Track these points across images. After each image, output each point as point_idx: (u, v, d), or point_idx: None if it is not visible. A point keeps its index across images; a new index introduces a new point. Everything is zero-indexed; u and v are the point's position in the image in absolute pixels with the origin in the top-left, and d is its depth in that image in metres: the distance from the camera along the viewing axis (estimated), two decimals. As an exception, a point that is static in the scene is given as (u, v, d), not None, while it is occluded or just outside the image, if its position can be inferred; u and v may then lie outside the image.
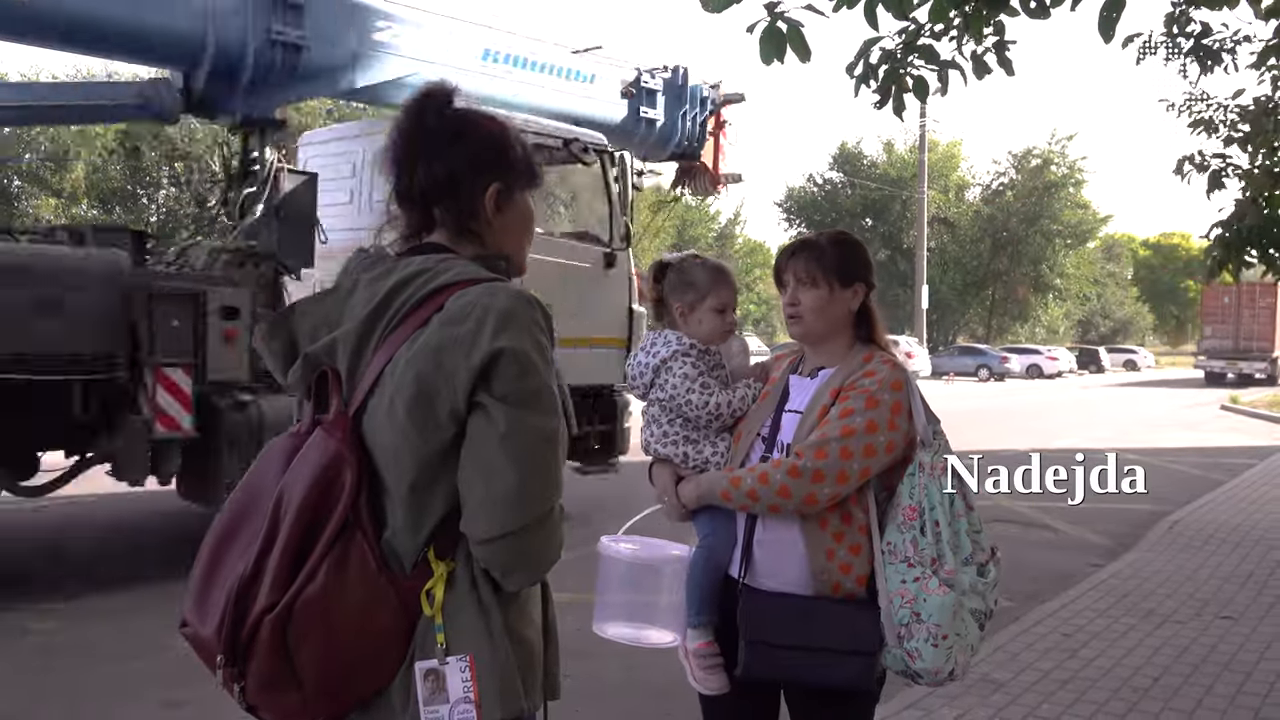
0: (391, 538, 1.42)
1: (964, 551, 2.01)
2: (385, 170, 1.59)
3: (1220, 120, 7.03)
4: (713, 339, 2.25)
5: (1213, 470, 11.99)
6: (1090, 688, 4.21)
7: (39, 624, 5.22)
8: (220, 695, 1.45)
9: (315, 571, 1.36)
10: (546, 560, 1.46)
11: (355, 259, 1.58)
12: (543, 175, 1.68)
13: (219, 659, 1.39)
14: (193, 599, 1.46)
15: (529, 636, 1.49)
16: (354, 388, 1.47)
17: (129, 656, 4.70)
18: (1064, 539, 7.87)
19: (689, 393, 2.18)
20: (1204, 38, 6.09)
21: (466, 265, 1.49)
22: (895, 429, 2.03)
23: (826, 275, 2.14)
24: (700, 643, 2.14)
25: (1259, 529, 7.89)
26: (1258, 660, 4.61)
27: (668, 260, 2.33)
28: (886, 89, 4.53)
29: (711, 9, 3.66)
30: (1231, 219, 6.26)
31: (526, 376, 1.40)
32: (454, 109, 1.56)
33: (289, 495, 1.41)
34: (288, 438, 1.51)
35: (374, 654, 1.40)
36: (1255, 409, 22.17)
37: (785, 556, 2.06)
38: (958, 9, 4.16)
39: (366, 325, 1.47)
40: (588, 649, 4.16)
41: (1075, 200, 49.13)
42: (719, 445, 2.21)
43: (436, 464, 1.41)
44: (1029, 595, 5.76)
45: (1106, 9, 4.00)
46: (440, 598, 1.41)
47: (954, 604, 1.94)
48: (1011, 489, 2.39)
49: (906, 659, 1.97)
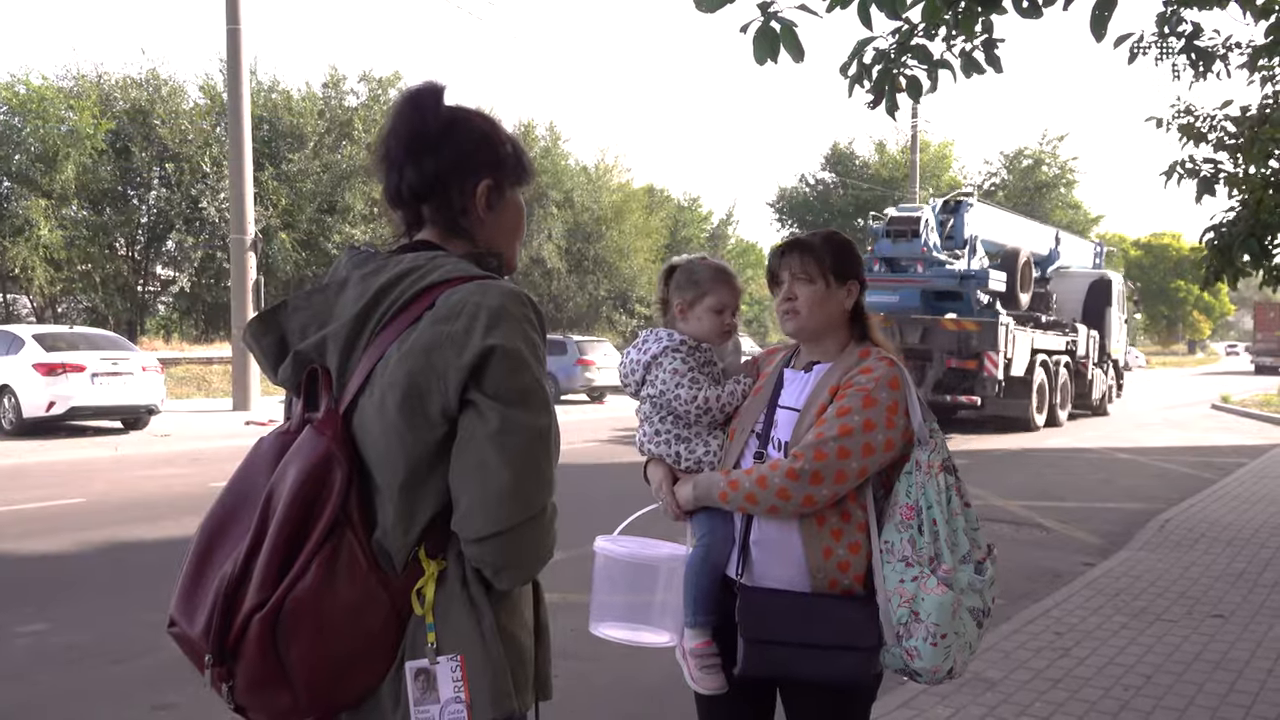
0: (382, 537, 1.41)
1: (961, 549, 2.00)
2: (376, 169, 1.58)
3: (1209, 129, 7.06)
4: (709, 338, 2.25)
5: (1203, 469, 12.05)
6: (1082, 686, 4.22)
7: (26, 627, 5.19)
8: (209, 697, 1.44)
9: (305, 570, 1.35)
10: (538, 559, 1.44)
11: (346, 256, 1.57)
12: (534, 172, 1.67)
13: (207, 659, 1.38)
14: (180, 598, 1.44)
15: (520, 636, 1.48)
16: (344, 386, 1.46)
17: (118, 659, 4.68)
18: (1055, 538, 7.89)
19: (678, 387, 2.17)
20: (1195, 38, 6.11)
21: (458, 263, 1.48)
22: (893, 427, 2.02)
23: (823, 271, 2.14)
24: (698, 642, 2.13)
25: (1250, 528, 7.92)
26: (1249, 659, 4.62)
27: (676, 263, 2.33)
28: (880, 89, 4.53)
29: (705, 9, 3.65)
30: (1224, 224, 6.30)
31: (518, 374, 1.39)
32: (444, 107, 1.55)
33: (278, 493, 1.40)
34: (277, 436, 1.50)
35: (364, 653, 1.39)
36: (1245, 408, 22.28)
37: (783, 555, 2.05)
38: (950, 8, 4.17)
39: (357, 323, 1.46)
40: (580, 649, 4.16)
41: (1067, 200, 49.29)
42: (712, 444, 2.20)
43: (427, 462, 1.40)
44: (1021, 594, 5.77)
45: (1098, 8, 4.00)
46: (431, 597, 1.40)
47: (952, 603, 1.93)
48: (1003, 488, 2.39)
49: (905, 658, 1.97)
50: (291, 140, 28.03)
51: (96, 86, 26.33)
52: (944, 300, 16.26)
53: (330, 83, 30.28)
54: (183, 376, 22.11)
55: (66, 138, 24.48)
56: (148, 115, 26.40)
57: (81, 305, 26.74)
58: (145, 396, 14.38)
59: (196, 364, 23.24)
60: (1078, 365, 18.56)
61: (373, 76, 30.60)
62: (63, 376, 13.54)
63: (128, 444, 13.30)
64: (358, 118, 29.44)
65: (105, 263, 26.07)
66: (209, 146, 26.42)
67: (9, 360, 13.76)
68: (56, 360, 13.61)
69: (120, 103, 26.57)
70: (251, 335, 1.54)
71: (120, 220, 26.55)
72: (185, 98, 27.79)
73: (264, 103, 27.72)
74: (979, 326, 15.25)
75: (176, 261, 28.02)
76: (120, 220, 26.55)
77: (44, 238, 23.59)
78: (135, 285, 27.95)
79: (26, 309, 26.56)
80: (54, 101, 24.86)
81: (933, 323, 15.64)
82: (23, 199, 23.94)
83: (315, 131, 28.39)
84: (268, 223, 25.74)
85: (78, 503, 8.89)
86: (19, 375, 13.63)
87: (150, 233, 27.94)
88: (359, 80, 30.71)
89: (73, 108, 24.91)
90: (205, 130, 27.03)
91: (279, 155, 27.64)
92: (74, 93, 25.67)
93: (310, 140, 28.18)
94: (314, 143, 28.26)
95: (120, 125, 26.13)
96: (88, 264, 25.50)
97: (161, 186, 27.23)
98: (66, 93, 25.61)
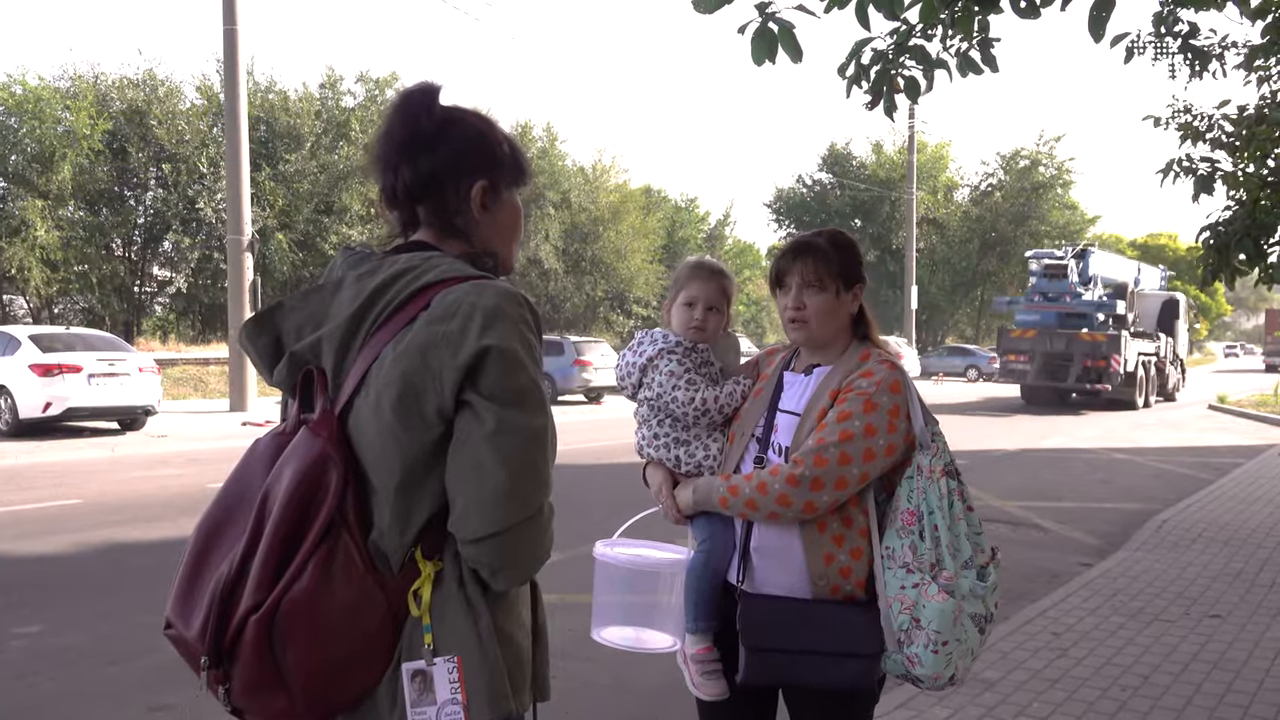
0: (378, 538, 1.41)
1: (964, 555, 1.97)
2: (372, 169, 1.57)
3: (1207, 129, 7.06)
4: (683, 334, 2.22)
5: (1200, 469, 12.06)
6: (1080, 686, 4.22)
7: (23, 628, 5.18)
8: (206, 699, 1.43)
9: (301, 571, 1.34)
10: (535, 560, 1.44)
11: (342, 256, 1.57)
12: (531, 173, 1.66)
13: (203, 661, 1.37)
14: (176, 600, 1.43)
15: (517, 637, 1.48)
16: (340, 387, 1.46)
17: (114, 660, 4.67)
18: (1053, 538, 7.90)
19: (674, 389, 2.15)
20: (1192, 38, 6.12)
21: (453, 263, 1.48)
22: (894, 431, 1.99)
23: (834, 278, 2.10)
24: (699, 648, 2.12)
25: (1247, 528, 7.92)
26: (1246, 659, 4.63)
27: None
28: (878, 90, 4.53)
29: (703, 9, 3.65)
30: (1220, 223, 6.30)
31: (514, 374, 1.38)
32: (440, 106, 1.55)
33: (274, 495, 1.39)
34: (273, 437, 1.49)
35: (361, 655, 1.38)
36: (1242, 408, 22.34)
37: (784, 562, 2.03)
38: (947, 8, 4.16)
39: (352, 323, 1.46)
40: (578, 650, 4.16)
41: (1063, 201, 49.31)
42: (712, 447, 2.18)
43: (423, 463, 1.40)
44: (1019, 594, 5.78)
45: (1096, 8, 4.00)
46: (428, 598, 1.39)
47: (953, 610, 1.91)
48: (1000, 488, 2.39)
49: (906, 664, 1.95)
50: (288, 141, 28.01)
51: (93, 87, 26.29)
52: (1074, 319, 23.17)
53: (327, 83, 30.27)
54: (179, 377, 22.09)
55: (63, 138, 24.46)
56: (144, 116, 26.37)
57: (78, 306, 26.71)
58: (142, 397, 14.36)
59: (193, 365, 23.23)
60: (1160, 364, 25.24)
61: (370, 77, 30.63)
62: (59, 377, 13.52)
63: (124, 445, 13.28)
64: (355, 118, 29.42)
65: (102, 263, 26.05)
66: (206, 147, 26.39)
67: (5, 361, 13.73)
68: (53, 361, 13.59)
69: (117, 103, 26.54)
70: (247, 336, 1.54)
71: (117, 221, 26.51)
72: (182, 98, 27.78)
73: (261, 103, 27.72)
74: (1106, 338, 22.33)
75: (173, 262, 28.01)
76: (117, 221, 26.51)
77: (40, 238, 23.57)
78: (132, 286, 27.92)
79: (23, 310, 26.53)
80: (50, 102, 24.84)
81: (1072, 335, 22.59)
82: (19, 200, 23.92)
83: (312, 132, 28.38)
84: (265, 223, 25.73)
85: (74, 504, 8.88)
86: (15, 376, 13.61)
87: (147, 233, 27.90)
88: (356, 81, 30.76)
89: (69, 108, 24.89)
90: (202, 131, 26.99)
91: (276, 156, 27.62)
92: (70, 93, 25.64)
93: (307, 141, 28.16)
94: (311, 143, 28.24)
95: (117, 126, 26.09)
96: (84, 265, 25.48)
97: (158, 187, 27.21)
98: (63, 93, 25.58)
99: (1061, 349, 22.58)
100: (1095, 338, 22.33)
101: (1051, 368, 22.76)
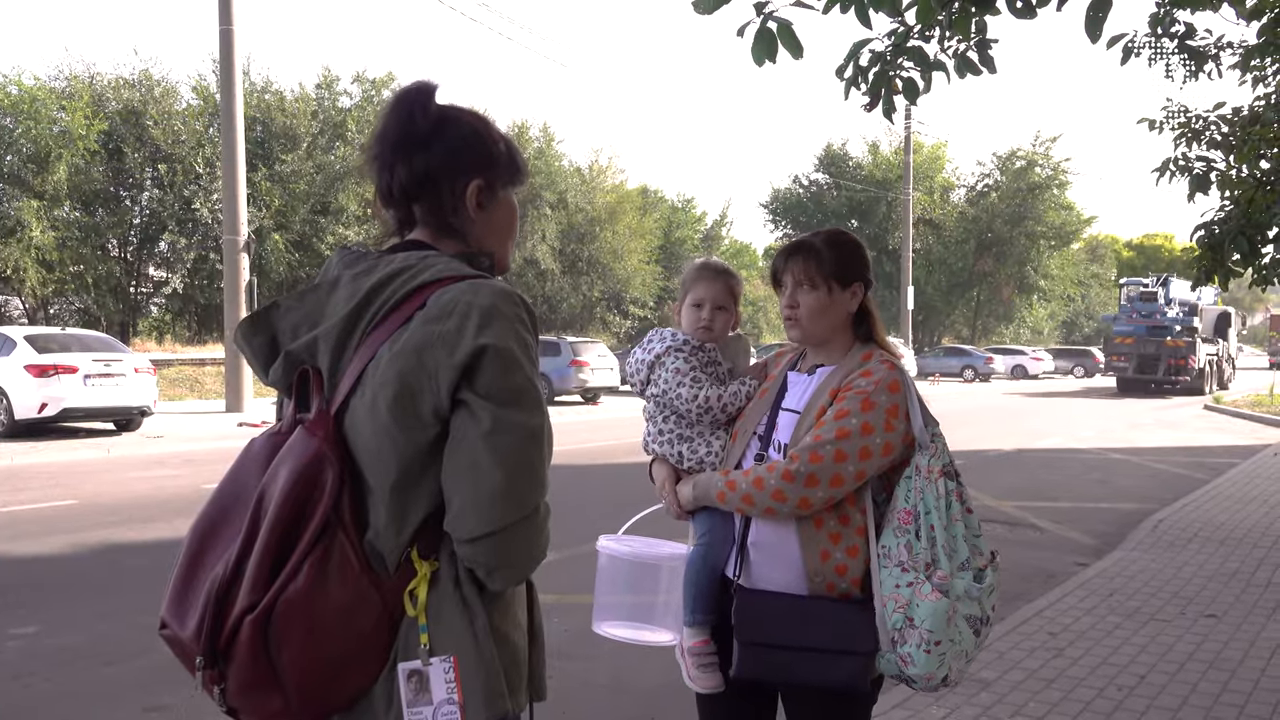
0: (374, 538, 1.40)
1: (960, 556, 1.98)
2: (368, 168, 1.57)
3: (1203, 129, 7.07)
4: (693, 334, 2.27)
5: (1196, 469, 12.08)
6: (1076, 686, 4.22)
7: (18, 629, 5.17)
8: (202, 699, 1.43)
9: (296, 571, 1.34)
10: (532, 560, 1.43)
11: (337, 256, 1.56)
12: (528, 172, 1.66)
13: (198, 661, 1.37)
14: (172, 600, 1.43)
15: (514, 637, 1.47)
16: (336, 386, 1.45)
17: (110, 661, 4.66)
18: (1049, 538, 7.91)
19: (679, 386, 2.19)
20: (1188, 39, 6.13)
21: (449, 262, 1.47)
22: (892, 430, 2.00)
23: (825, 277, 2.12)
24: (695, 641, 2.14)
25: (1243, 528, 7.94)
26: (1242, 658, 4.64)
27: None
28: (877, 91, 4.53)
29: (702, 10, 3.65)
30: (1215, 222, 6.32)
31: (510, 373, 1.38)
32: (436, 106, 1.55)
33: (270, 495, 1.39)
34: (269, 437, 1.49)
35: (356, 655, 1.38)
36: (1238, 408, 22.39)
37: (780, 558, 2.04)
38: (944, 9, 4.17)
39: (348, 323, 1.45)
40: (575, 650, 4.16)
41: (1059, 201, 49.37)
42: (714, 444, 2.21)
43: (419, 463, 1.39)
44: (1015, 594, 5.78)
45: (1093, 9, 4.00)
46: (424, 598, 1.39)
47: (947, 610, 1.91)
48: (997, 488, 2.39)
49: (900, 664, 1.95)
50: (285, 141, 27.98)
51: (89, 87, 26.23)
52: (1160, 330, 30.76)
53: (323, 83, 30.24)
54: (175, 378, 22.06)
55: (59, 138, 24.43)
56: (140, 116, 26.32)
57: (74, 306, 26.66)
58: (138, 398, 14.34)
59: (189, 365, 23.19)
60: (1219, 362, 33.37)
61: (366, 77, 30.59)
62: (55, 378, 13.50)
63: (120, 446, 13.26)
64: (351, 119, 29.40)
65: (97, 264, 25.99)
66: (202, 147, 26.35)
67: (1, 362, 13.71)
68: (48, 362, 13.57)
69: (113, 103, 26.49)
70: (242, 336, 1.53)
71: (113, 221, 26.46)
72: (178, 98, 27.73)
73: (257, 103, 27.68)
74: (1185, 344, 30.29)
75: (169, 262, 27.97)
76: (113, 221, 26.46)
77: (36, 239, 23.52)
78: (128, 286, 27.87)
79: (18, 310, 26.47)
80: (46, 102, 24.80)
81: (1160, 342, 30.55)
82: (14, 200, 23.87)
83: (308, 132, 28.35)
84: (261, 224, 25.70)
85: (70, 504, 8.86)
86: (11, 377, 13.58)
87: (143, 234, 27.84)
88: (352, 81, 30.73)
89: (65, 108, 24.85)
90: (198, 131, 26.95)
91: (272, 156, 27.59)
92: (66, 93, 25.59)
93: (303, 141, 28.13)
94: (307, 144, 28.21)
95: (113, 126, 26.05)
96: (80, 265, 25.43)
97: (154, 187, 27.16)
98: (58, 93, 25.54)
99: (1152, 352, 30.79)
100: (1177, 344, 30.42)
101: (1144, 366, 30.89)
